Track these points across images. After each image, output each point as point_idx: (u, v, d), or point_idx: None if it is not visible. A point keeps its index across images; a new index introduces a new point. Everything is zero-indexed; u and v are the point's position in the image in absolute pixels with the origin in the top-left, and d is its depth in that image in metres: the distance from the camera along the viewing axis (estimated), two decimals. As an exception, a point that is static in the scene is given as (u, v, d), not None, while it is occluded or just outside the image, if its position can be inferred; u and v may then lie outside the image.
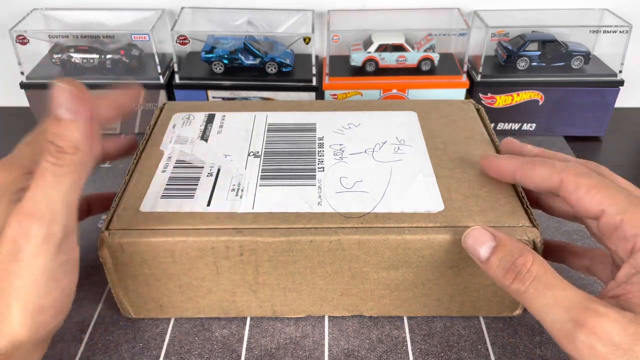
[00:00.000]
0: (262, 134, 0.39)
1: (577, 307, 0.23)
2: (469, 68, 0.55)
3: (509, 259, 0.26)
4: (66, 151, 0.25)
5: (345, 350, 0.33)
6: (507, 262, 0.26)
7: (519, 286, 0.25)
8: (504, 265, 0.26)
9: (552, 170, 0.28)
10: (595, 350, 0.23)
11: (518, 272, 0.25)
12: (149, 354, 0.33)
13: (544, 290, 0.25)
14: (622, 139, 0.56)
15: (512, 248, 0.26)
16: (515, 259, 0.26)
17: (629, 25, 0.52)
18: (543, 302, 0.24)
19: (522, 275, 0.25)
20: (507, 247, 0.27)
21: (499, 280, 0.26)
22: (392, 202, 0.32)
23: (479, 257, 0.28)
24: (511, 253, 0.26)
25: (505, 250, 0.26)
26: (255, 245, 0.31)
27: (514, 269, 0.26)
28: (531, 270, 0.25)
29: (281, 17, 0.57)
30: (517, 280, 0.25)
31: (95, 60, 0.54)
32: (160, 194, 0.33)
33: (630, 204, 0.26)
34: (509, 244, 0.27)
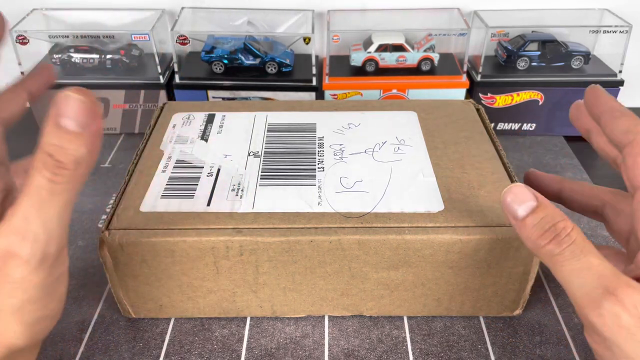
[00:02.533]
0: (262, 134, 0.39)
1: (609, 275, 0.23)
2: (469, 68, 0.55)
3: (550, 220, 0.25)
4: (67, 167, 0.22)
5: (345, 350, 0.33)
6: (546, 223, 0.25)
7: (555, 248, 0.25)
8: (542, 226, 0.25)
9: (632, 127, 0.27)
10: (619, 319, 0.22)
11: (557, 234, 0.25)
12: (149, 354, 0.33)
13: (580, 255, 0.24)
14: (622, 139, 0.56)
15: (554, 212, 0.26)
16: (556, 221, 0.25)
17: (629, 25, 0.52)
18: (576, 266, 0.24)
19: (561, 237, 0.25)
20: (548, 209, 0.26)
21: (534, 240, 0.26)
22: (392, 202, 0.32)
23: (515, 215, 0.27)
24: (552, 216, 0.26)
25: (547, 212, 0.26)
26: (255, 245, 0.31)
27: (554, 230, 0.25)
28: (571, 235, 0.25)
29: (281, 17, 0.57)
30: (555, 242, 0.25)
31: (95, 60, 0.54)
32: (160, 194, 0.33)
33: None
34: (551, 207, 0.26)
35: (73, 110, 0.23)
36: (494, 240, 0.31)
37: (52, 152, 0.22)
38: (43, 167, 0.22)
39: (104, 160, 0.51)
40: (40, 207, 0.22)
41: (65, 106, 0.23)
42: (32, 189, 0.22)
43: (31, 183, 0.22)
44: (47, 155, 0.22)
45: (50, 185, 0.22)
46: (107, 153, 0.52)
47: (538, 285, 0.37)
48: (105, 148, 0.53)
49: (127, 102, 0.54)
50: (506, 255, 0.31)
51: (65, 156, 0.22)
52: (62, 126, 0.22)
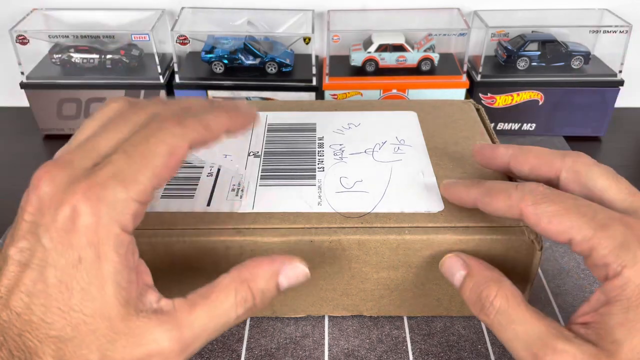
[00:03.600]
0: (262, 134, 0.39)
1: (536, 342, 0.23)
2: (469, 68, 0.56)
3: (475, 289, 0.26)
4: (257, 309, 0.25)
5: (345, 350, 0.33)
6: (473, 293, 0.26)
7: (485, 318, 0.26)
8: (471, 296, 0.26)
9: (509, 203, 0.26)
10: None
11: (482, 304, 0.26)
12: (149, 354, 0.33)
13: (506, 325, 0.24)
14: (622, 139, 0.56)
15: (479, 279, 0.27)
16: (480, 291, 0.26)
17: (629, 25, 0.52)
18: (507, 336, 0.25)
19: (487, 308, 0.25)
20: (474, 277, 0.27)
21: (471, 309, 0.27)
22: (392, 202, 0.32)
23: (453, 284, 0.28)
24: (478, 284, 0.26)
25: (474, 281, 0.27)
26: (255, 245, 0.31)
27: (479, 300, 0.26)
28: (494, 304, 0.25)
29: (281, 17, 0.57)
30: (483, 313, 0.26)
31: (95, 60, 0.54)
32: (160, 194, 0.33)
33: (596, 228, 0.23)
34: (477, 275, 0.27)
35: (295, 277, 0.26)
36: (494, 240, 0.31)
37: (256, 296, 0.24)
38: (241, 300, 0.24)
39: (104, 160, 0.51)
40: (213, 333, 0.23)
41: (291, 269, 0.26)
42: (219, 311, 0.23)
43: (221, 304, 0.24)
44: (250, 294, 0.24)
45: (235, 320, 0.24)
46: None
47: (538, 285, 0.37)
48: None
49: (127, 102, 0.54)
50: (506, 255, 0.31)
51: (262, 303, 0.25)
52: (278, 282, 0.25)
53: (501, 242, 0.31)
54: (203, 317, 0.23)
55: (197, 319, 0.23)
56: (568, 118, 0.55)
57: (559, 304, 0.36)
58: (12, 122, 0.59)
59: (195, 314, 0.23)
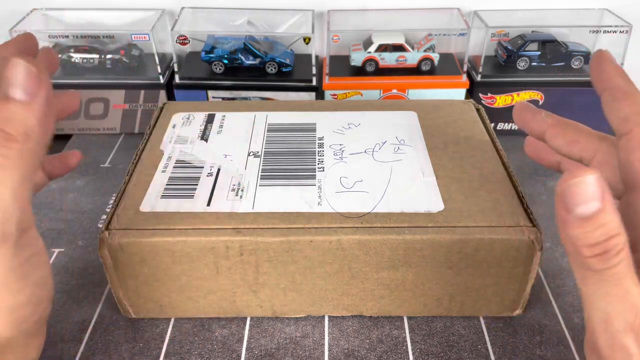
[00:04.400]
0: (262, 134, 0.39)
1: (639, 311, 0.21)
2: (469, 68, 0.55)
3: (606, 232, 0.21)
4: (16, 139, 0.21)
5: (345, 350, 0.33)
6: (601, 235, 0.21)
7: (598, 264, 0.21)
8: (595, 236, 0.21)
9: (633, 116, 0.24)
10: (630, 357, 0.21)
11: (607, 250, 0.21)
12: (149, 354, 0.33)
13: (620, 280, 0.21)
14: (622, 139, 0.56)
15: (613, 221, 0.21)
16: (611, 235, 0.21)
17: (629, 25, 0.52)
18: (609, 290, 0.21)
19: (610, 256, 0.21)
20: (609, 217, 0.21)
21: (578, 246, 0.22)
22: (392, 202, 0.32)
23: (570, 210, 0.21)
24: (610, 227, 0.21)
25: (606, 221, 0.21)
26: (255, 245, 0.31)
27: (605, 245, 0.21)
28: (619, 255, 0.21)
29: (281, 17, 0.57)
30: (600, 258, 0.21)
31: (95, 60, 0.54)
32: (160, 194, 0.33)
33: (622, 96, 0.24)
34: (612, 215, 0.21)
35: (20, 77, 0.21)
36: (494, 240, 0.31)
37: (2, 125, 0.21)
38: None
39: (104, 160, 0.51)
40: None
41: (13, 75, 0.21)
42: None
43: None
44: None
45: (2, 160, 0.21)
46: (107, 153, 0.52)
47: (538, 285, 0.37)
48: (105, 148, 0.53)
49: (127, 102, 0.54)
50: (506, 255, 0.31)
51: (14, 128, 0.21)
52: (10, 95, 0.21)
53: (501, 242, 0.31)
54: None
55: None
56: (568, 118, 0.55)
57: (559, 304, 0.36)
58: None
59: None
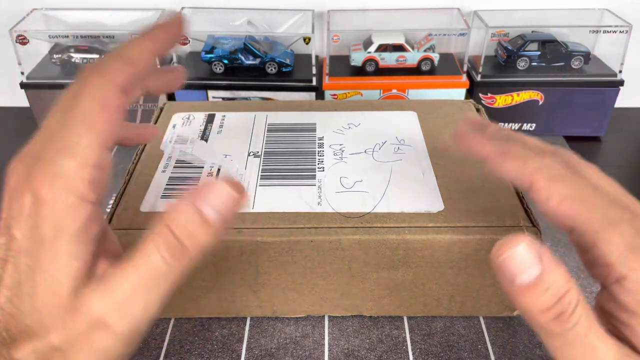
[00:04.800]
0: (262, 134, 0.39)
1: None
2: (469, 68, 0.55)
3: (555, 293, 0.20)
4: (189, 254, 0.21)
5: (345, 350, 0.33)
6: (551, 297, 0.20)
7: (557, 327, 0.20)
8: (545, 300, 0.20)
9: (523, 169, 0.23)
10: None
11: (562, 312, 0.20)
12: (149, 354, 0.33)
13: (584, 338, 0.20)
14: (622, 139, 0.56)
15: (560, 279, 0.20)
16: (561, 294, 0.20)
17: (629, 25, 0.52)
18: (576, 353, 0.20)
19: (566, 317, 0.20)
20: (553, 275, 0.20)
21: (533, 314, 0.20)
22: (392, 202, 0.32)
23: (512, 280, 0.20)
24: (558, 287, 0.20)
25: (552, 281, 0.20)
26: (255, 245, 0.31)
27: (559, 307, 0.20)
28: (576, 312, 0.20)
29: (281, 17, 0.57)
30: (557, 321, 0.20)
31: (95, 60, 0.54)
32: (160, 194, 0.33)
33: (605, 223, 0.21)
34: (557, 273, 0.20)
35: (220, 201, 0.21)
36: (494, 241, 0.30)
37: (179, 234, 0.21)
38: (163, 245, 0.20)
39: (104, 160, 0.51)
40: (148, 288, 0.21)
41: (214, 194, 0.21)
42: (144, 264, 0.21)
43: (145, 257, 0.21)
44: (171, 234, 0.21)
45: (166, 268, 0.21)
46: (107, 153, 0.52)
47: (538, 285, 0.37)
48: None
49: (127, 102, 0.54)
50: (506, 255, 0.31)
51: (192, 242, 0.21)
52: (201, 211, 0.21)
53: (501, 242, 0.31)
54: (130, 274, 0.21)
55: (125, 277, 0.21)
56: (568, 118, 0.55)
57: (559, 304, 0.36)
58: (12, 122, 0.59)
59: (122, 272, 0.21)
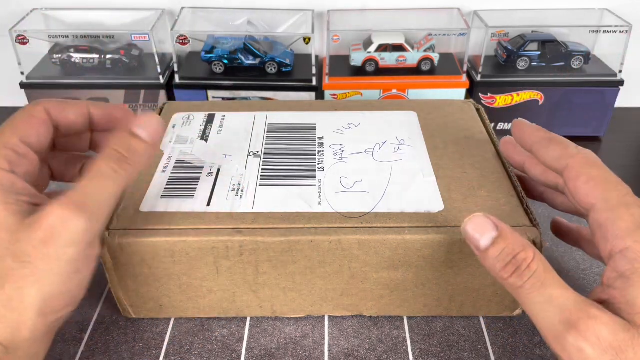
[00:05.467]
0: (262, 134, 0.39)
1: (570, 308, 0.23)
2: (469, 68, 0.56)
3: (510, 252, 0.25)
4: (130, 163, 0.27)
5: (345, 350, 0.33)
6: (507, 255, 0.25)
7: (516, 281, 0.25)
8: (503, 258, 0.25)
9: (563, 153, 0.29)
10: (583, 353, 0.23)
11: (518, 267, 0.25)
12: (149, 354, 0.33)
13: (541, 288, 0.24)
14: (622, 139, 0.56)
15: (514, 241, 0.26)
16: (516, 253, 0.25)
17: (629, 25, 0.52)
18: (538, 300, 0.24)
19: (522, 270, 0.25)
20: (509, 239, 0.26)
21: (496, 272, 0.26)
22: (392, 202, 0.32)
23: (477, 246, 0.27)
24: (513, 247, 0.25)
25: (507, 243, 0.26)
26: (255, 245, 0.31)
27: (515, 263, 0.25)
28: (531, 267, 0.25)
29: (281, 17, 0.57)
30: (516, 275, 0.25)
31: (95, 60, 0.54)
32: (160, 194, 0.33)
33: (620, 203, 0.25)
34: (511, 237, 0.26)
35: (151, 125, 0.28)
36: (494, 240, 0.31)
37: (120, 150, 0.27)
38: (110, 159, 0.27)
39: (104, 160, 0.51)
40: (99, 189, 0.26)
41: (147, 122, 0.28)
42: (96, 173, 0.26)
43: (97, 169, 0.26)
44: (116, 151, 0.27)
45: (113, 174, 0.27)
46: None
47: (538, 285, 0.37)
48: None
49: (127, 102, 0.54)
50: (506, 255, 0.31)
51: (132, 155, 0.27)
52: (137, 134, 0.28)
53: (501, 242, 0.31)
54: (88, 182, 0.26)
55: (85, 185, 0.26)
56: (568, 118, 0.55)
57: (559, 304, 0.36)
58: (12, 122, 0.59)
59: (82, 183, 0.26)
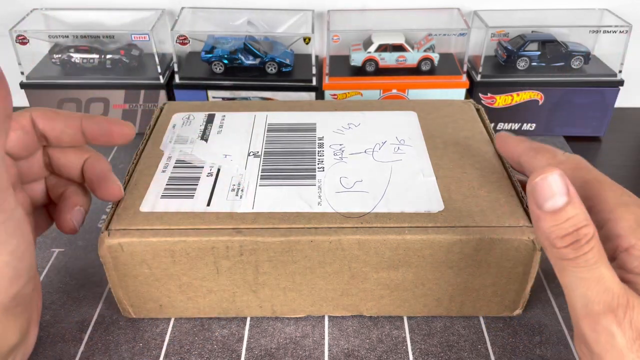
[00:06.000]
0: (262, 134, 0.39)
1: (615, 292, 0.23)
2: (468, 68, 0.56)
3: (575, 223, 0.24)
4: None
5: (345, 350, 0.33)
6: (571, 225, 0.24)
7: (571, 252, 0.24)
8: (566, 227, 0.24)
9: (551, 161, 0.29)
10: (613, 339, 0.22)
11: (578, 239, 0.24)
12: (149, 354, 0.33)
13: (593, 265, 0.23)
14: (622, 139, 0.56)
15: (581, 213, 0.24)
16: (581, 225, 0.24)
17: (629, 25, 0.52)
18: (585, 275, 0.23)
19: (581, 244, 0.24)
20: (577, 209, 0.24)
21: (551, 238, 0.24)
22: (392, 202, 0.32)
23: (540, 205, 0.24)
24: (579, 218, 0.24)
25: (575, 213, 0.24)
26: (255, 245, 0.31)
27: (576, 235, 0.24)
28: (590, 242, 0.24)
29: (281, 17, 0.57)
30: (573, 247, 0.24)
31: (95, 60, 0.54)
32: (160, 194, 0.33)
33: (618, 203, 0.25)
34: (580, 208, 0.24)
35: None
36: (494, 240, 0.31)
37: None
38: None
39: (104, 160, 0.51)
40: None
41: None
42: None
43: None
44: None
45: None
46: (107, 153, 0.52)
47: (538, 285, 0.37)
48: (105, 148, 0.53)
49: (127, 102, 0.54)
50: (506, 255, 0.31)
51: None
52: None
53: (501, 242, 0.31)
54: None
55: None
56: (568, 118, 0.55)
57: (559, 304, 0.36)
58: (12, 122, 0.59)
59: None
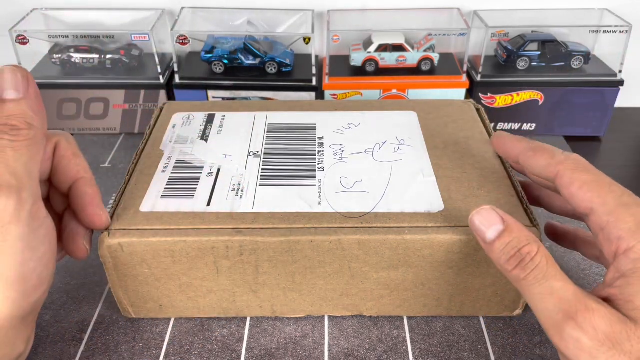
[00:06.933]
0: (262, 134, 0.39)
1: (570, 300, 0.24)
2: (469, 68, 0.56)
3: (515, 245, 0.26)
4: (20, 128, 0.26)
5: (345, 350, 0.33)
6: (512, 248, 0.26)
7: (520, 273, 0.26)
8: (508, 251, 0.26)
9: (551, 161, 0.29)
10: (580, 343, 0.23)
11: (522, 259, 0.26)
12: (149, 354, 0.33)
13: (542, 280, 0.25)
14: (622, 139, 0.56)
15: (520, 235, 0.26)
16: (521, 246, 0.26)
17: (629, 25, 0.52)
18: (539, 291, 0.25)
19: (525, 263, 0.25)
20: (514, 233, 0.27)
21: (501, 264, 0.27)
22: (392, 202, 0.32)
23: (484, 238, 0.27)
24: (518, 240, 0.26)
25: (513, 237, 0.26)
26: (255, 245, 0.31)
27: (519, 256, 0.26)
28: (534, 260, 0.25)
29: (281, 17, 0.57)
30: (519, 267, 0.26)
31: (95, 60, 0.54)
32: (160, 194, 0.33)
33: (619, 205, 0.26)
34: (517, 231, 0.27)
35: (9, 80, 0.26)
36: (494, 240, 0.31)
37: (5, 122, 0.26)
38: (3, 133, 0.25)
39: (104, 160, 0.51)
40: (7, 162, 0.25)
41: (3, 80, 0.26)
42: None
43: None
44: (2, 126, 0.26)
45: (12, 144, 0.25)
46: (107, 153, 0.52)
47: (538, 285, 0.37)
48: (105, 148, 0.53)
49: (127, 102, 0.54)
50: (506, 255, 0.31)
51: (16, 120, 0.26)
52: (5, 97, 0.26)
53: (501, 242, 0.31)
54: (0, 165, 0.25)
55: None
56: (568, 118, 0.55)
57: (559, 304, 0.36)
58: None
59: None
